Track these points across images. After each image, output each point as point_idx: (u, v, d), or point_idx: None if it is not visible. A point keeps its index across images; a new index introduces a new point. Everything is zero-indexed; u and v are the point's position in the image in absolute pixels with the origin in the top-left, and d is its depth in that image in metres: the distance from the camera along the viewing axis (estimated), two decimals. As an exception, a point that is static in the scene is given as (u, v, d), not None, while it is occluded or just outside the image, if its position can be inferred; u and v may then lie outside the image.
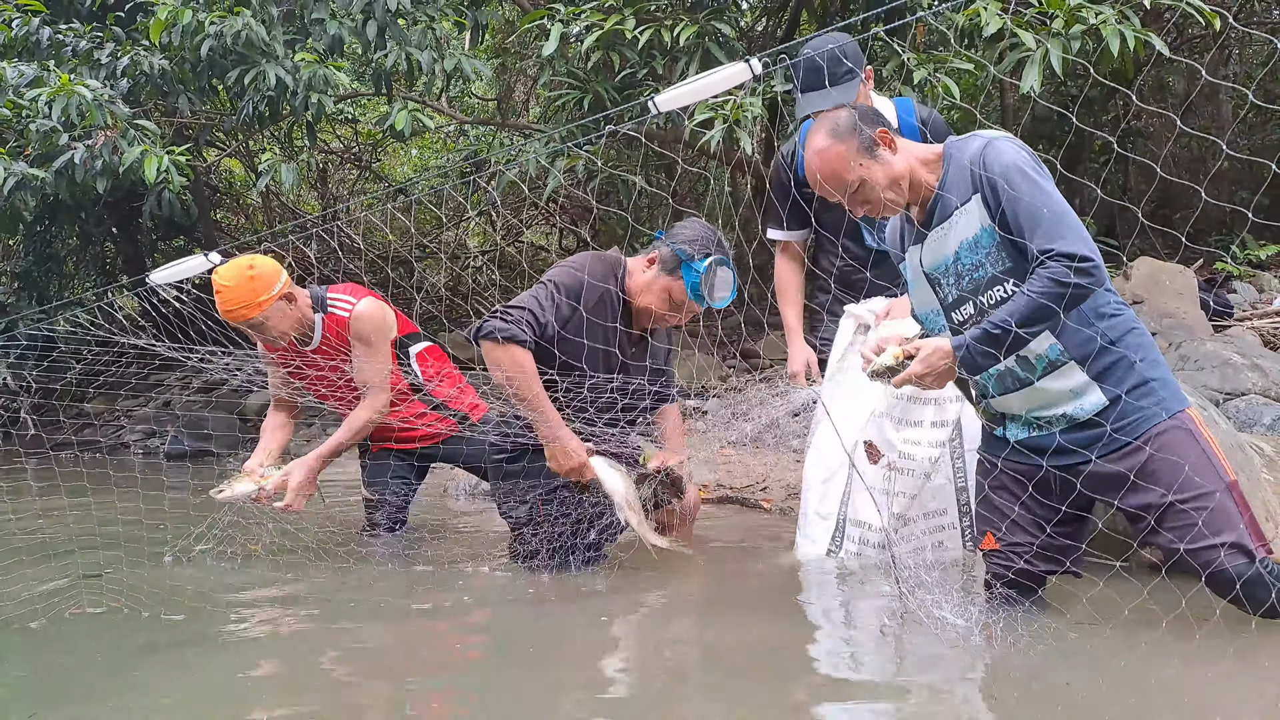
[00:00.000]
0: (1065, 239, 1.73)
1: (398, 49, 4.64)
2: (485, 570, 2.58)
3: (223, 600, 2.33)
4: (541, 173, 5.42)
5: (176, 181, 4.40)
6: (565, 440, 2.35)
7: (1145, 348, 1.89)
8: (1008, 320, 1.76)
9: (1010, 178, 1.79)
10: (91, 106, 4.20)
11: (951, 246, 1.91)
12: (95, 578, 2.46)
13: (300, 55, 4.42)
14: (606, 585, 2.42)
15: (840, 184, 1.92)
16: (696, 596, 2.43)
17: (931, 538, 2.66)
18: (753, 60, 1.86)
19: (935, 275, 1.98)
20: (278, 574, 2.58)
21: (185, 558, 2.73)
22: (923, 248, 1.98)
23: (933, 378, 1.89)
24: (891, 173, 1.91)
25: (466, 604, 2.33)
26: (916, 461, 2.62)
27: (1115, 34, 3.61)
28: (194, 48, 4.38)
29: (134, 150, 4.30)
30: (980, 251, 1.87)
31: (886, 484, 2.57)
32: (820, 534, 2.68)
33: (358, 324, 2.72)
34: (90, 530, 2.93)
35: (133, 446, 6.92)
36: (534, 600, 2.33)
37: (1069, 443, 1.88)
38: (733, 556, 2.85)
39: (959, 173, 1.88)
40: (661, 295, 2.48)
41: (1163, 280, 4.55)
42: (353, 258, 7.71)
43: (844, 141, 1.91)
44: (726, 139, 4.28)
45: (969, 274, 1.90)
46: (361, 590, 2.40)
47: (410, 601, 2.34)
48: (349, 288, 2.82)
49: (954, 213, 1.89)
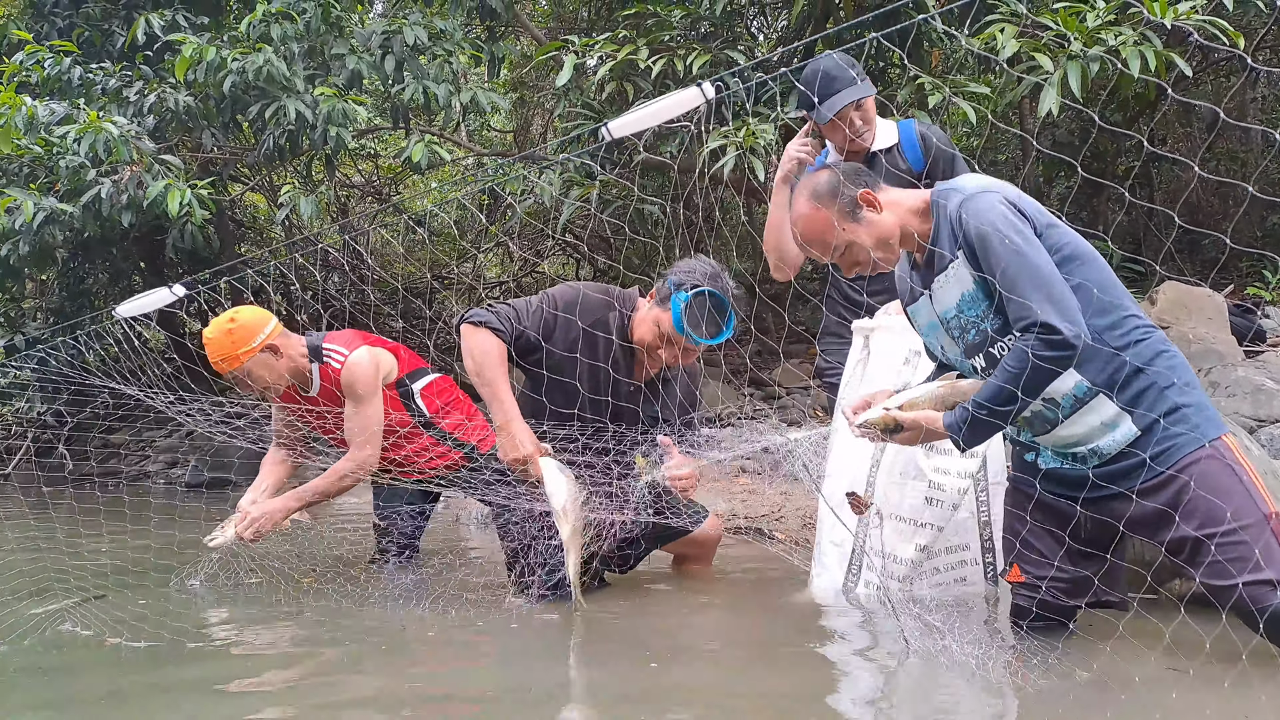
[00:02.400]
0: (1036, 306, 1.67)
1: (415, 83, 4.71)
2: (495, 602, 2.53)
3: (218, 631, 2.31)
4: (558, 203, 5.45)
5: (199, 215, 4.47)
6: (517, 432, 2.35)
7: (1177, 371, 1.80)
8: (985, 404, 1.73)
9: (986, 241, 1.73)
10: (118, 142, 4.30)
11: (953, 298, 1.86)
12: (93, 600, 2.45)
13: (319, 90, 4.50)
14: (612, 623, 2.36)
15: (825, 249, 1.89)
16: (705, 637, 2.33)
17: (954, 573, 2.56)
18: (704, 84, 1.82)
19: (947, 324, 1.92)
20: (280, 606, 2.55)
21: (191, 585, 2.72)
22: (931, 295, 1.93)
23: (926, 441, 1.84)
24: (877, 232, 1.86)
25: (472, 640, 2.28)
26: (946, 492, 2.53)
27: (1135, 55, 3.56)
28: (217, 84, 4.48)
29: (158, 185, 4.38)
30: (979, 305, 1.82)
31: (915, 516, 2.49)
32: (833, 563, 2.58)
33: (348, 377, 2.70)
34: (98, 560, 2.94)
35: (154, 476, 7.01)
36: (539, 635, 2.27)
37: (1101, 477, 1.80)
38: (746, 592, 2.77)
39: (947, 225, 1.83)
40: (652, 327, 2.46)
41: (1190, 305, 4.43)
42: (373, 289, 7.78)
43: (825, 207, 1.87)
44: (740, 167, 4.28)
45: (974, 326, 1.85)
46: (370, 621, 2.37)
47: (418, 633, 2.29)
48: (346, 335, 2.80)
49: (949, 265, 1.84)
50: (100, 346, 2.90)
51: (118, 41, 5.50)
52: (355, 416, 2.67)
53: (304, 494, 2.72)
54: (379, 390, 2.71)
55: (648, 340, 2.47)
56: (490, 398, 2.38)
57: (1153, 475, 1.75)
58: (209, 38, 4.53)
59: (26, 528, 3.80)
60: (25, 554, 3.16)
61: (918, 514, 2.51)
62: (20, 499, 5.18)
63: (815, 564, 2.65)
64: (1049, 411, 1.82)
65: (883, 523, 2.42)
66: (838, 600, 2.50)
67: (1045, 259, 1.72)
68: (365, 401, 2.67)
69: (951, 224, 1.79)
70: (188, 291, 2.43)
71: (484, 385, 2.36)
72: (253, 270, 3.69)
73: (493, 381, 2.36)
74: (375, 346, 2.77)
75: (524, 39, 6.95)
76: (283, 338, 2.71)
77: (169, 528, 3.08)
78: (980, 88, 3.97)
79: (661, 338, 2.44)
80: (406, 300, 7.12)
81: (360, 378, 2.68)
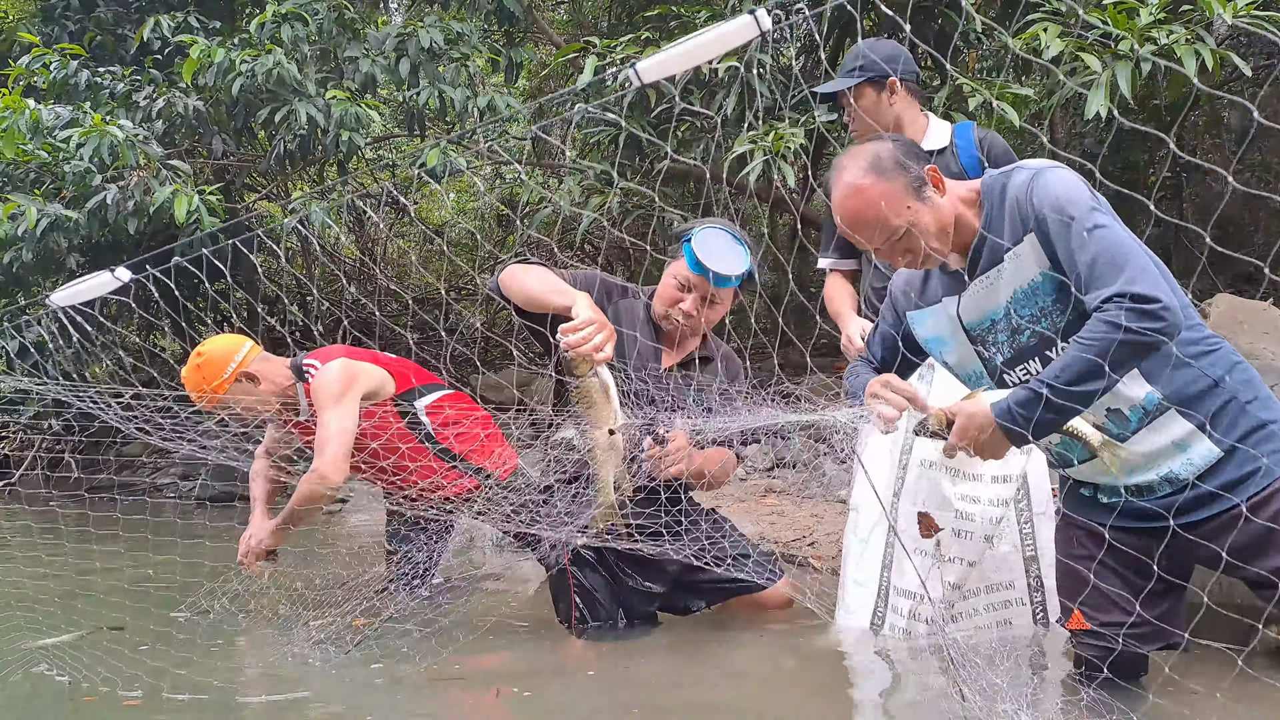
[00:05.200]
0: (1126, 276, 1.44)
1: (431, 87, 4.56)
2: (511, 634, 2.35)
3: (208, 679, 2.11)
4: (577, 213, 5.29)
5: (208, 221, 4.33)
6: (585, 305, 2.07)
7: (1254, 385, 1.60)
8: (1056, 377, 1.45)
9: (1067, 213, 1.51)
10: (124, 146, 4.17)
11: (1002, 297, 1.63)
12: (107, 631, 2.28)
13: (332, 94, 4.36)
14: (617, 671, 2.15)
15: (882, 231, 1.59)
16: (719, 688, 2.04)
17: (996, 614, 2.33)
18: (759, 11, 1.52)
19: (979, 332, 1.69)
20: (285, 649, 2.36)
21: (198, 615, 2.55)
22: (960, 300, 1.70)
23: (980, 451, 1.55)
24: (940, 218, 1.62)
25: (489, 674, 2.09)
26: (975, 522, 2.31)
27: (1191, 53, 3.36)
28: (226, 87, 4.35)
29: (165, 190, 4.24)
30: (1039, 301, 1.60)
31: (938, 553, 2.28)
32: (859, 604, 2.37)
33: (315, 385, 2.51)
34: (91, 584, 2.77)
35: (165, 489, 6.86)
36: (557, 670, 2.09)
37: (1176, 507, 1.58)
38: (768, 630, 2.47)
39: (1004, 210, 1.61)
40: (669, 282, 2.30)
41: (1246, 318, 4.19)
42: (389, 300, 7.65)
43: (889, 179, 1.58)
44: (765, 174, 4.10)
45: (1029, 328, 1.62)
46: (380, 659, 2.18)
47: (430, 670, 2.10)
48: (329, 350, 2.62)
49: (1004, 258, 1.62)
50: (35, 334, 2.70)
51: (130, 47, 5.40)
52: (319, 425, 2.48)
53: (279, 522, 2.59)
54: (345, 398, 2.47)
55: (667, 296, 2.30)
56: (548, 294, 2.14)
57: (1244, 499, 1.54)
58: (219, 41, 4.40)
59: (32, 546, 3.67)
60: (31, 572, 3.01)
61: (945, 549, 2.29)
62: (25, 508, 5.06)
63: (840, 604, 2.43)
64: (1114, 426, 1.60)
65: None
66: (863, 643, 2.28)
67: (1132, 236, 1.52)
68: (326, 409, 2.45)
69: (1018, 203, 1.58)
70: (134, 276, 2.24)
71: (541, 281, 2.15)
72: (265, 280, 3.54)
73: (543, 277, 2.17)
74: (361, 361, 2.59)
75: (543, 47, 6.81)
76: (261, 363, 2.56)
77: (172, 549, 2.91)
78: (1024, 90, 3.77)
79: (682, 287, 2.27)
80: (419, 313, 6.98)
81: (325, 385, 2.48)
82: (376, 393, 2.58)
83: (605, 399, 2.00)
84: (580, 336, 1.96)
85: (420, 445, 2.62)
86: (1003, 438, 1.52)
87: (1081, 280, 1.49)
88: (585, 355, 1.95)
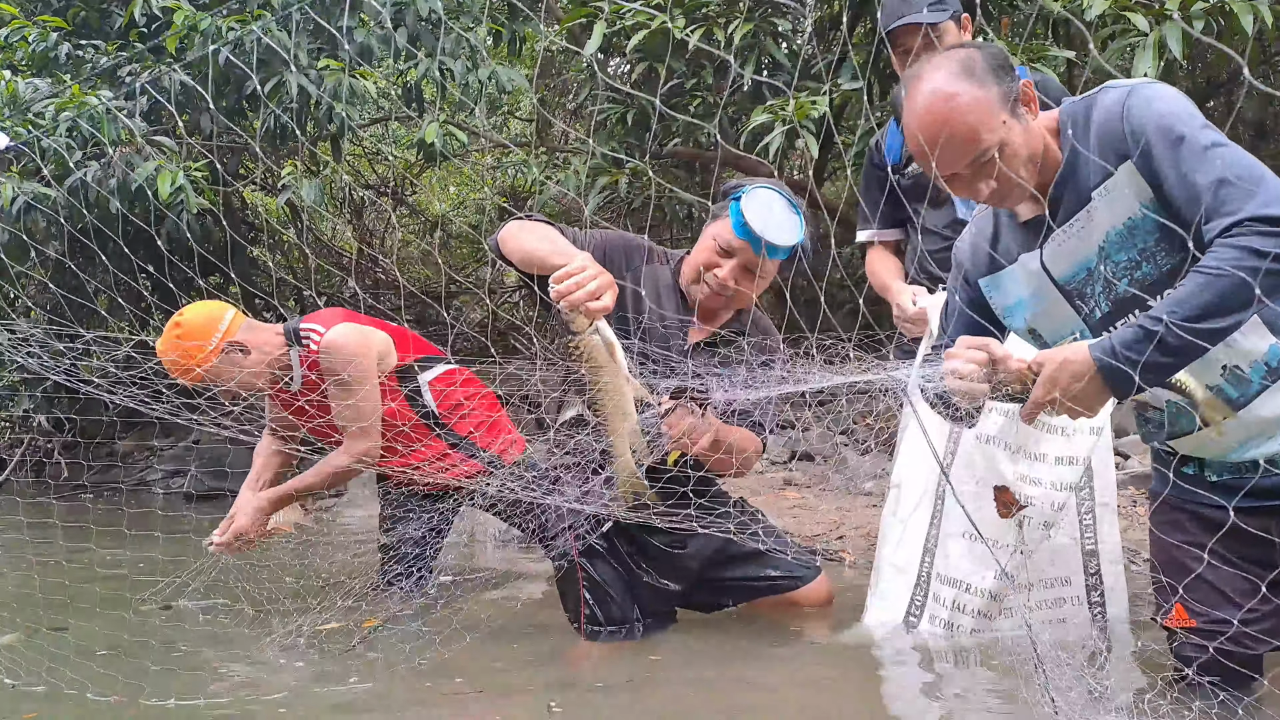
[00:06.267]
0: (1261, 199, 1.20)
1: (430, 59, 4.32)
2: (519, 636, 2.10)
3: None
4: (583, 195, 5.05)
5: (193, 201, 4.08)
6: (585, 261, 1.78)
7: None
8: (1174, 312, 1.20)
9: (1173, 130, 1.27)
10: (103, 118, 3.92)
11: (1094, 241, 1.39)
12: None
13: (324, 63, 4.12)
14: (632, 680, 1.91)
15: (970, 146, 1.33)
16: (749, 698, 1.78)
17: (1050, 612, 2.10)
18: None
19: (1074, 285, 1.45)
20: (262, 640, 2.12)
21: (165, 606, 2.29)
22: (1044, 252, 1.46)
23: (1073, 404, 1.28)
24: (1031, 142, 1.38)
25: (492, 673, 1.85)
26: (1035, 508, 2.07)
27: (1247, 9, 3.12)
28: (213, 59, 4.10)
29: (147, 166, 4.00)
30: (1138, 242, 1.35)
31: (1021, 535, 2.03)
32: (895, 592, 2.14)
33: (327, 359, 2.26)
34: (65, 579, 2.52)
35: (153, 485, 6.63)
36: (562, 682, 1.84)
37: None
38: (802, 631, 2.21)
39: (1091, 139, 1.36)
40: (707, 244, 2.02)
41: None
42: (389, 294, 7.41)
43: (983, 86, 1.33)
44: (784, 149, 3.85)
45: (1126, 275, 1.37)
46: (374, 660, 1.93)
47: (430, 673, 1.85)
48: (327, 314, 2.38)
49: (1093, 195, 1.37)
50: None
51: (115, 23, 5.16)
52: (344, 400, 2.24)
53: (282, 492, 2.32)
54: (371, 371, 2.27)
55: (702, 259, 2.02)
56: (541, 247, 1.88)
57: None
58: (205, 5, 4.15)
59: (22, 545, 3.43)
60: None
61: (998, 533, 2.05)
62: (17, 500, 4.83)
63: (872, 591, 2.19)
64: (1231, 388, 1.36)
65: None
66: (896, 643, 2.03)
67: (1250, 156, 1.27)
68: (353, 384, 2.23)
69: (1110, 127, 1.33)
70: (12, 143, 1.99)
71: (541, 240, 1.88)
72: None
73: (551, 235, 1.91)
74: (365, 325, 2.35)
75: (548, 26, 6.58)
76: (248, 331, 2.31)
77: (147, 544, 2.66)
78: (1064, 52, 3.53)
79: (721, 251, 2.00)
80: (423, 304, 6.74)
81: (342, 354, 2.24)
82: (381, 363, 2.35)
83: (611, 358, 1.73)
84: (572, 283, 1.69)
85: (422, 424, 2.38)
86: (1101, 387, 1.26)
87: (1202, 206, 1.24)
88: (577, 304, 1.68)
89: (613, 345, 1.73)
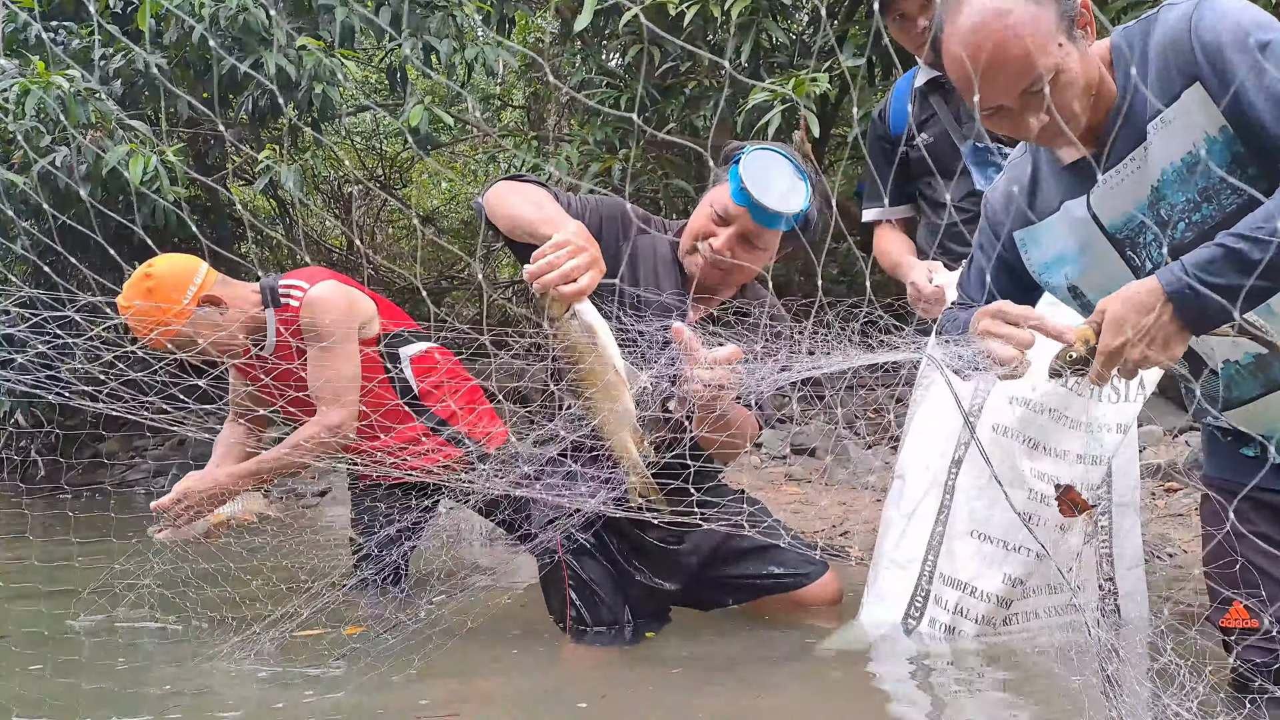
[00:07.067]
0: None
1: (414, 38, 4.16)
2: (500, 640, 1.94)
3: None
4: (576, 184, 4.89)
5: (167, 185, 3.91)
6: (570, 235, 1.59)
7: None
8: (1263, 225, 1.06)
9: (1250, 37, 1.12)
10: (71, 99, 3.75)
11: (1149, 181, 1.23)
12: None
13: (303, 42, 3.95)
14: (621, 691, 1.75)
15: (1022, 73, 1.17)
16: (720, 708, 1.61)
17: (1059, 619, 1.96)
18: None
19: (1127, 234, 1.29)
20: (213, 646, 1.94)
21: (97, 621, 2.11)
22: (1092, 197, 1.30)
23: (1148, 349, 1.12)
24: (1088, 70, 1.22)
25: (475, 679, 1.68)
26: (1049, 506, 1.93)
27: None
28: (187, 39, 3.94)
29: (119, 149, 3.83)
30: (1199, 179, 1.19)
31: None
32: (895, 591, 1.98)
33: (308, 313, 2.08)
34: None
35: (136, 485, 6.46)
36: (552, 689, 1.68)
37: None
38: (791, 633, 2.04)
39: (1149, 65, 1.21)
40: (704, 210, 1.86)
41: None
42: (380, 291, 7.25)
43: (1039, 3, 1.17)
44: (785, 129, 3.69)
45: (1183, 218, 1.22)
46: (344, 669, 1.77)
47: (403, 685, 1.69)
48: (311, 271, 2.21)
49: (1148, 130, 1.22)
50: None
51: (92, 4, 4.98)
52: (321, 365, 2.05)
53: (253, 467, 2.10)
54: (353, 333, 2.09)
55: (697, 228, 1.86)
56: (532, 213, 1.71)
57: None
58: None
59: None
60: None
61: (1009, 534, 1.91)
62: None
63: (869, 589, 2.03)
64: None
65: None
66: (895, 647, 1.87)
67: None
68: (333, 346, 2.04)
69: (1174, 48, 1.18)
70: None
71: (529, 205, 1.72)
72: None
73: (542, 200, 1.74)
74: (352, 288, 2.18)
75: (539, 10, 6.42)
76: (223, 285, 2.12)
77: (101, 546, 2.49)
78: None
79: (718, 219, 1.83)
80: (414, 301, 6.58)
81: (325, 311, 2.06)
82: (363, 330, 2.18)
83: (592, 347, 1.53)
84: (544, 264, 1.51)
85: (401, 404, 2.21)
86: (1173, 319, 1.10)
87: None
88: (549, 287, 1.51)
89: (594, 330, 1.54)
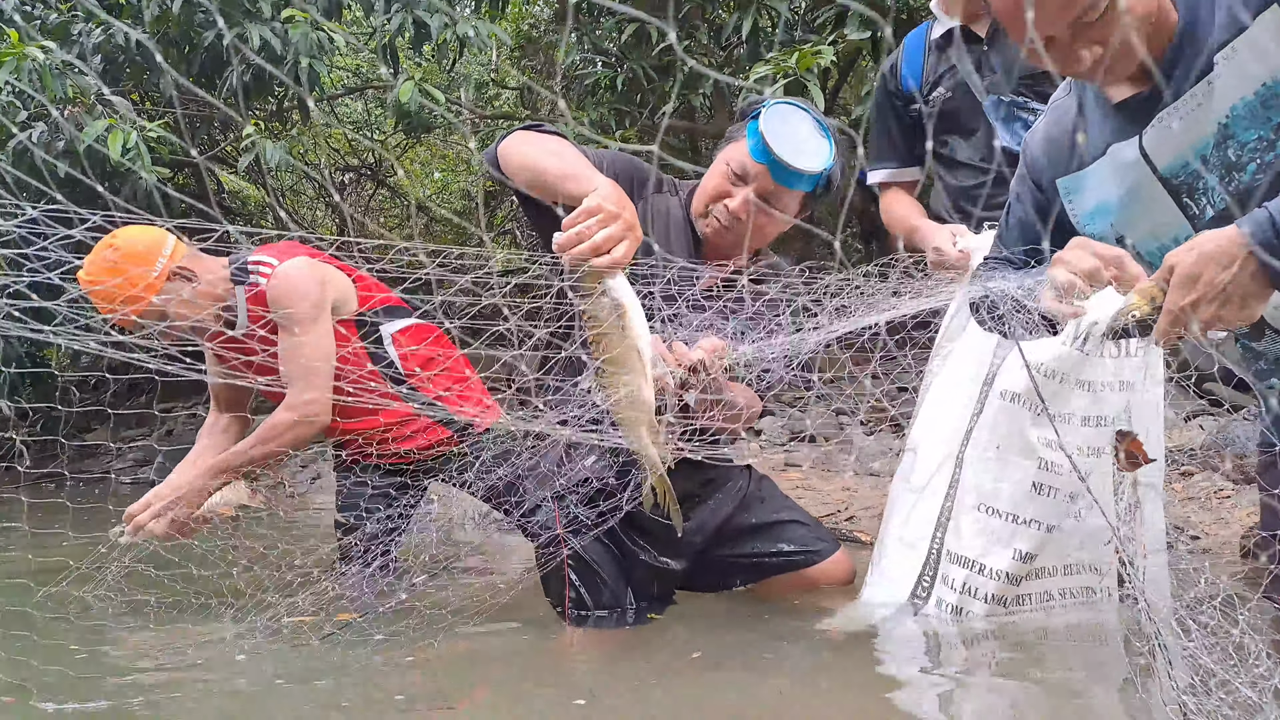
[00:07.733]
0: None
1: (403, 13, 4.03)
2: (495, 626, 1.83)
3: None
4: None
5: (148, 161, 3.78)
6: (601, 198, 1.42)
7: None
8: None
9: None
10: (46, 72, 3.61)
11: (1214, 118, 1.13)
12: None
13: (289, 13, 3.82)
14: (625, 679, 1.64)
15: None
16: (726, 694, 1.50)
17: (1075, 599, 1.87)
18: None
19: (1184, 178, 1.19)
20: (195, 633, 1.83)
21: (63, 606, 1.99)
22: (1145, 137, 1.20)
23: (1223, 308, 1.01)
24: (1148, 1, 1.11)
25: (469, 668, 1.57)
26: (1061, 476, 1.83)
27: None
28: (168, 12, 3.80)
29: (97, 124, 3.70)
30: (1275, 115, 1.08)
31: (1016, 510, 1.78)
32: (901, 569, 1.90)
33: (275, 290, 1.96)
34: None
35: (120, 475, 6.33)
36: (546, 675, 1.58)
37: None
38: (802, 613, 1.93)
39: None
40: (718, 169, 1.74)
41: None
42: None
43: None
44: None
45: (1254, 158, 1.11)
46: (326, 658, 1.65)
47: (388, 675, 1.58)
48: (283, 246, 2.09)
49: (1216, 62, 1.11)
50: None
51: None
52: (291, 345, 1.93)
53: (227, 461, 1.99)
54: (325, 311, 1.97)
55: (713, 188, 1.74)
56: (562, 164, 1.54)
57: None
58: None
59: None
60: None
61: (1019, 507, 1.82)
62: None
63: (874, 567, 1.95)
64: None
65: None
66: (901, 623, 1.78)
67: None
68: (303, 325, 1.92)
69: None
70: None
71: (553, 157, 1.55)
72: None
73: (566, 152, 1.57)
74: (327, 264, 2.06)
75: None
76: (193, 259, 2.00)
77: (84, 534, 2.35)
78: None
79: (734, 177, 1.71)
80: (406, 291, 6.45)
81: (292, 290, 1.95)
82: (339, 307, 2.06)
83: (620, 330, 1.38)
84: (574, 233, 1.37)
85: (382, 380, 2.09)
86: (1257, 273, 0.99)
87: None
88: (579, 259, 1.36)
89: (624, 310, 1.39)
